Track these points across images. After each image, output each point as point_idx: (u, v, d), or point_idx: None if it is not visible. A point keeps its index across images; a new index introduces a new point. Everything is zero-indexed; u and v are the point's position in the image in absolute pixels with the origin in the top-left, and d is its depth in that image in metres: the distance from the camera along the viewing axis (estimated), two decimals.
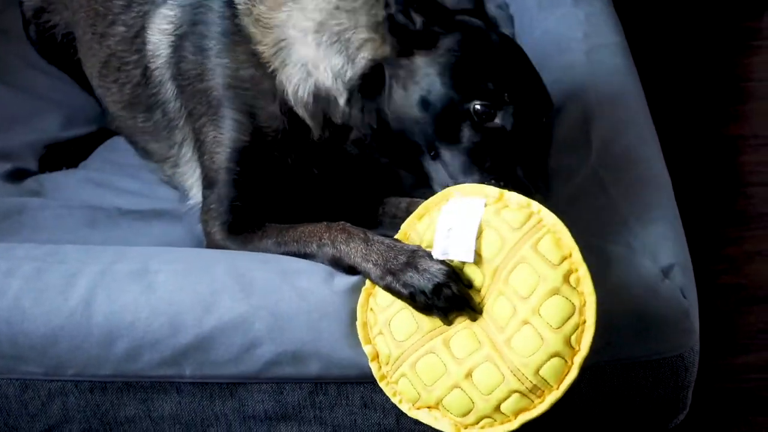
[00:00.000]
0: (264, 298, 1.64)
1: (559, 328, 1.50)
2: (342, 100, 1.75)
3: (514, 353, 1.52)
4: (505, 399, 1.53)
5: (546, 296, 1.51)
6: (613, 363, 1.66)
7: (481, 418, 1.55)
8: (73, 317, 1.65)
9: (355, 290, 1.64)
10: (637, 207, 1.78)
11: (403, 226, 1.66)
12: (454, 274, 1.56)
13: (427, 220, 1.63)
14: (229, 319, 1.63)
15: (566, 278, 1.51)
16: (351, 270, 1.65)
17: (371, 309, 1.62)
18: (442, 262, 1.57)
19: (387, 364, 1.60)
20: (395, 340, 1.59)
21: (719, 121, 2.57)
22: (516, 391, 1.52)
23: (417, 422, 1.62)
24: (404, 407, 1.60)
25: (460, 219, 1.57)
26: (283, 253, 1.72)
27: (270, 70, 1.79)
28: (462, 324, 1.57)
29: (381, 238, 1.64)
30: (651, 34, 2.81)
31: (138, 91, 2.01)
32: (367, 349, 1.61)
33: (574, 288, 1.51)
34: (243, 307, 1.64)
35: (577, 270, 1.52)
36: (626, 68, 2.17)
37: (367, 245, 1.64)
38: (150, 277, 1.68)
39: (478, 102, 1.62)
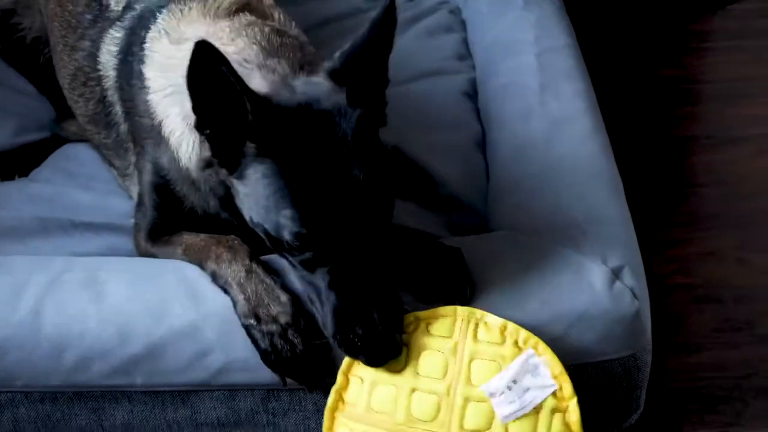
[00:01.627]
0: (214, 306, 1.64)
1: None
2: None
3: None
4: None
5: None
6: (565, 364, 1.66)
7: None
8: (22, 328, 1.64)
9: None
10: (586, 208, 1.78)
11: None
12: (309, 355, 1.55)
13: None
14: (179, 328, 1.62)
15: None
16: (225, 291, 1.63)
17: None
18: (303, 337, 1.55)
19: None
20: None
21: (670, 123, 2.59)
22: None
23: None
24: None
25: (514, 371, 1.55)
26: (188, 261, 1.70)
27: (156, 123, 1.73)
28: None
29: (265, 276, 1.60)
30: (602, 36, 2.83)
31: (99, 109, 1.98)
32: None
33: None
34: (193, 315, 1.63)
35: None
36: (577, 70, 2.18)
37: (248, 275, 1.61)
38: (99, 286, 1.67)
39: (285, 234, 1.49)
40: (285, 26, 1.80)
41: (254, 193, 1.51)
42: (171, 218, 1.78)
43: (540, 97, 2.10)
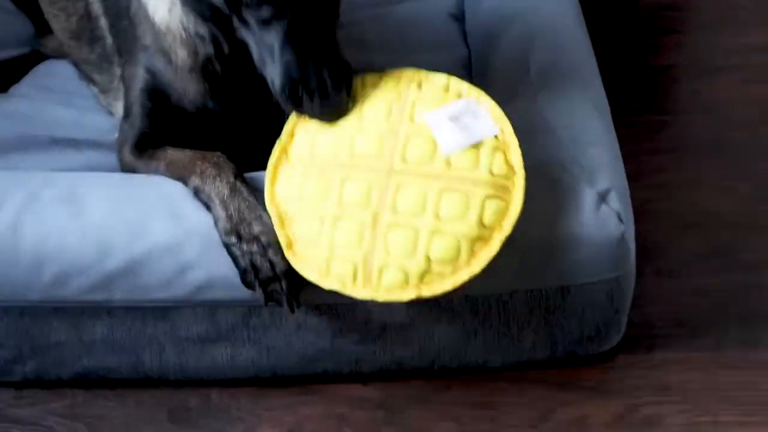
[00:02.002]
0: (195, 223, 1.62)
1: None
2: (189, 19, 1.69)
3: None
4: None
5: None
6: (549, 286, 1.66)
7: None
8: (0, 242, 1.62)
9: None
10: (574, 131, 1.77)
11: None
12: (290, 275, 1.56)
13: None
14: (159, 243, 1.61)
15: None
16: (207, 207, 1.63)
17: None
18: (284, 258, 1.56)
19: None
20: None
21: (656, 50, 2.56)
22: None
23: (352, 341, 1.62)
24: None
25: (457, 109, 1.57)
26: (170, 177, 1.69)
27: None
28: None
29: (248, 195, 1.60)
30: None
31: (82, 24, 1.96)
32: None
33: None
34: (174, 230, 1.62)
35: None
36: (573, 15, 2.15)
37: (231, 193, 1.61)
38: (79, 201, 1.65)
39: None
40: None
41: None
42: (160, 127, 1.76)
43: (528, 19, 2.07)
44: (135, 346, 1.68)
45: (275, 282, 1.57)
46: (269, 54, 1.56)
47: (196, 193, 1.64)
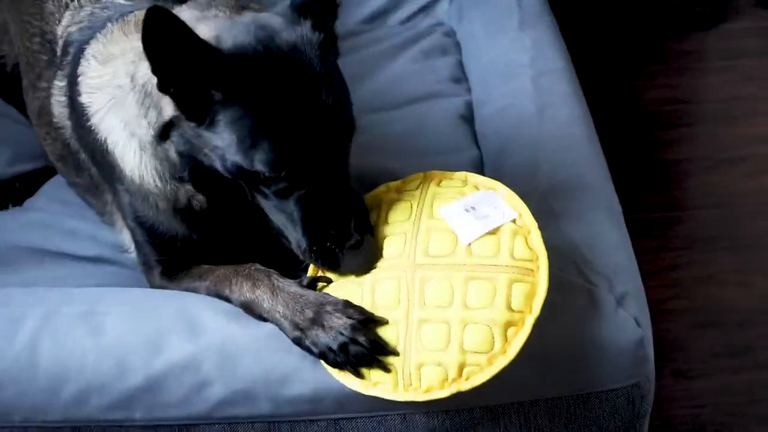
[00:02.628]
0: (212, 337, 1.62)
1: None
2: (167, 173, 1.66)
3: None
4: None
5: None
6: (569, 394, 1.65)
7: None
8: (19, 362, 1.62)
9: None
10: (588, 235, 1.77)
11: None
12: (361, 326, 1.53)
13: None
14: (178, 360, 1.61)
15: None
16: (262, 319, 1.62)
17: None
18: (348, 314, 1.54)
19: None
20: None
21: (664, 145, 2.59)
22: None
23: None
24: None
25: (473, 200, 1.59)
26: (212, 295, 1.69)
27: (102, 141, 1.72)
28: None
29: (288, 286, 1.60)
30: (595, 57, 2.82)
31: (65, 152, 1.95)
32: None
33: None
34: (192, 347, 1.61)
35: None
36: (573, 94, 2.18)
37: (273, 295, 1.60)
38: (97, 319, 1.65)
39: (260, 166, 1.51)
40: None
41: (227, 137, 1.51)
42: (172, 253, 1.76)
43: (537, 122, 2.09)
44: None
45: (350, 346, 1.53)
46: (289, 221, 1.57)
47: (245, 308, 1.64)
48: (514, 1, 2.51)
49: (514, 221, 1.58)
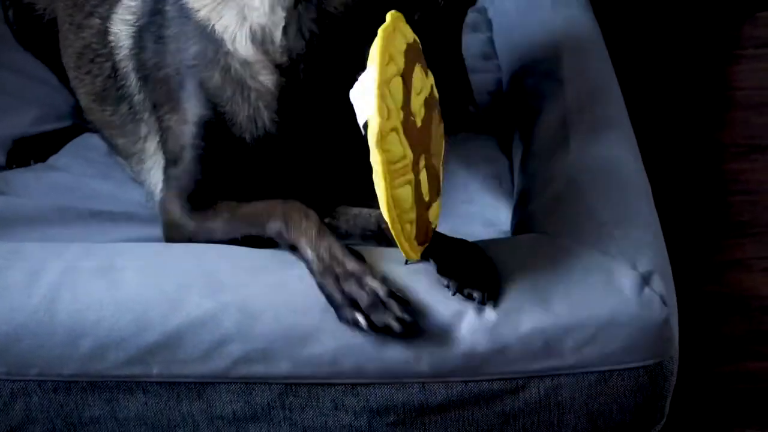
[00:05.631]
0: (232, 294, 1.61)
1: None
2: (279, 32, 1.68)
3: None
4: None
5: None
6: (591, 370, 1.63)
7: None
8: (36, 315, 1.60)
9: None
10: (615, 213, 1.75)
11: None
12: (395, 296, 1.53)
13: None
14: (196, 316, 1.59)
15: None
16: (292, 248, 1.61)
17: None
18: (383, 283, 1.54)
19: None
20: None
21: (702, 129, 2.57)
22: None
23: (389, 423, 1.60)
24: None
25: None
26: (231, 233, 1.68)
27: (209, 30, 1.75)
28: None
29: (335, 239, 1.59)
30: (634, 41, 2.80)
31: (108, 84, 1.98)
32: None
33: None
34: (211, 303, 1.60)
35: None
36: (606, 72, 2.16)
37: (319, 234, 1.59)
38: (116, 273, 1.63)
39: None
40: None
41: None
42: (217, 172, 1.75)
43: (568, 101, 2.07)
44: (169, 423, 1.65)
45: (381, 309, 1.53)
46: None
47: (279, 237, 1.63)
48: None
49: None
